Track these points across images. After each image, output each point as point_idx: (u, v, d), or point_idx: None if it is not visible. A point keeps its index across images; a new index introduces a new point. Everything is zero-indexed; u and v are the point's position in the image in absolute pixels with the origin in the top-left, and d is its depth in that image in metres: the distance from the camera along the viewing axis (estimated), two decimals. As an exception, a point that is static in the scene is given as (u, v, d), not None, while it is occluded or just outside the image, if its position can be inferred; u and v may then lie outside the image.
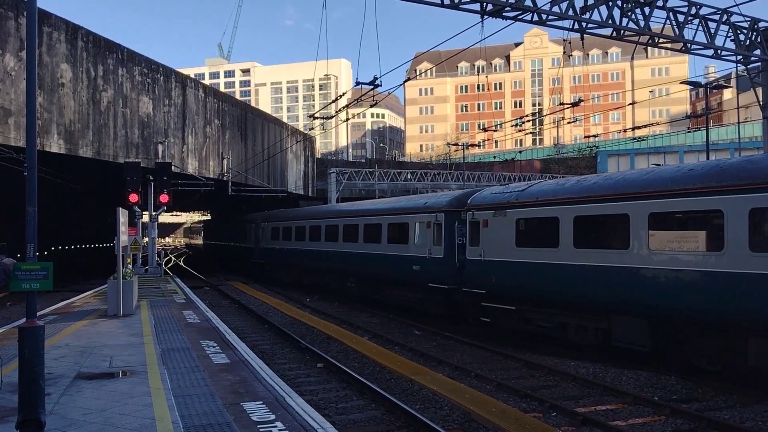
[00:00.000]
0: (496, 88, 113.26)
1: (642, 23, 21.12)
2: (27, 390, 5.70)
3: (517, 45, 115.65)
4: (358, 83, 19.10)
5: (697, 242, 11.41)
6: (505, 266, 15.77)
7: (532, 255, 14.97)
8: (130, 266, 22.67)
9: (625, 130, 48.79)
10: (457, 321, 18.71)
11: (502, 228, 15.99)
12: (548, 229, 14.51)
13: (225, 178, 35.11)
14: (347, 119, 27.94)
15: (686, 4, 22.06)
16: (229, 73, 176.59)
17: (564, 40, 22.33)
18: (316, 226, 28.54)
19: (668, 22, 21.96)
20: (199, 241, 76.33)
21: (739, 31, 23.40)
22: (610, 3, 20.16)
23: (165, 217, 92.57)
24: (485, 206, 16.94)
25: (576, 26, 20.21)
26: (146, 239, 31.82)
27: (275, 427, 7.10)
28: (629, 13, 20.79)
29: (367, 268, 23.60)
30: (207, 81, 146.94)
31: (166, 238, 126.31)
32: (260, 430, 7.00)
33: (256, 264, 37.85)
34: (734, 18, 23.20)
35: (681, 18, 22.12)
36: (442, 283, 18.61)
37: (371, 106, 23.55)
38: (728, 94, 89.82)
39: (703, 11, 22.59)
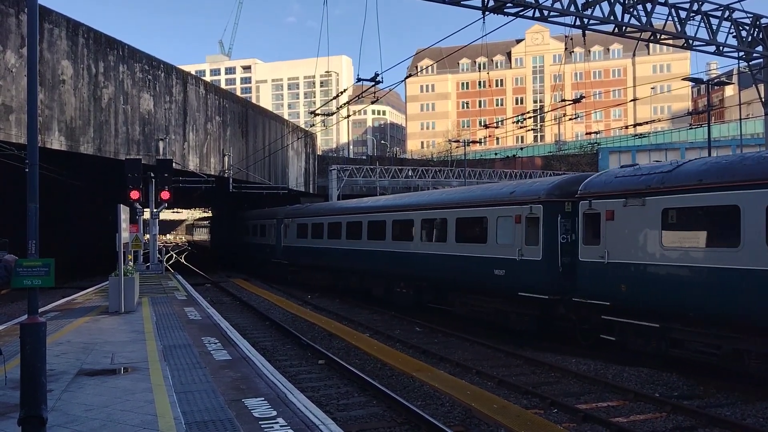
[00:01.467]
0: (497, 85, 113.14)
1: (644, 19, 21.08)
2: (29, 386, 5.70)
3: (518, 41, 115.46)
4: (359, 80, 19.09)
5: None
6: (644, 271, 12.28)
7: (691, 256, 11.50)
8: (131, 263, 22.69)
9: (626, 127, 48.78)
10: (553, 338, 15.40)
11: (639, 220, 12.47)
12: (720, 222, 11.31)
13: (226, 175, 35.13)
14: (348, 116, 27.81)
15: (688, 0, 22.02)
16: (230, 70, 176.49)
17: (566, 37, 22.30)
18: (356, 222, 24.86)
19: (670, 18, 21.92)
20: (204, 237, 71.90)
21: (741, 28, 23.36)
22: (612, -1, 20.14)
23: (166, 214, 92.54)
24: (610, 193, 13.31)
25: (578, 22, 20.19)
26: (147, 236, 31.84)
27: (277, 423, 7.10)
28: (631, 9, 20.76)
29: (425, 271, 19.74)
30: (208, 78, 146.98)
31: (167, 235, 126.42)
32: (262, 426, 7.00)
33: (278, 264, 33.80)
34: (736, 14, 23.16)
35: (683, 14, 22.08)
36: (538, 292, 14.88)
37: (372, 103, 22.96)
38: (730, 90, 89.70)
39: (705, 7, 22.55)
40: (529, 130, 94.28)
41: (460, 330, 17.25)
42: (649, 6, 21.01)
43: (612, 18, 20.57)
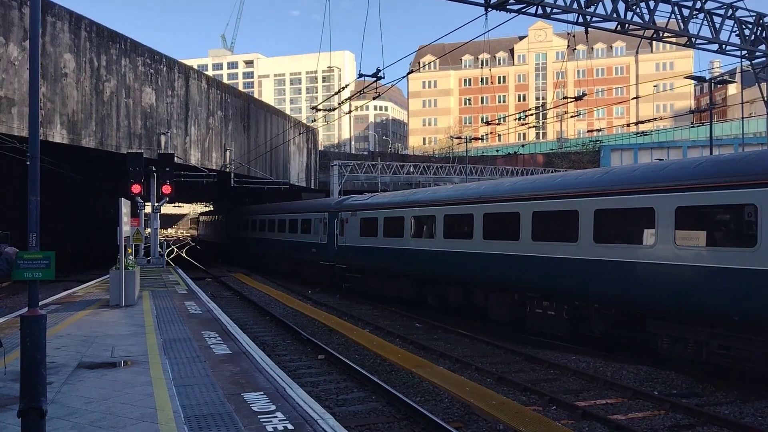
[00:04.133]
0: (499, 82, 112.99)
1: (647, 17, 21.06)
2: (29, 379, 5.72)
3: (521, 38, 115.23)
4: (361, 75, 19.08)
5: None
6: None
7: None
8: (131, 257, 22.72)
9: (628, 125, 48.66)
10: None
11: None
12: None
13: (227, 170, 35.12)
14: (350, 111, 27.74)
15: (691, -2, 22.00)
16: (233, 65, 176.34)
17: (568, 34, 22.27)
18: (461, 216, 18.11)
19: (673, 16, 21.89)
20: (210, 232, 63.05)
21: (744, 26, 23.32)
22: (615, -4, 20.11)
23: (167, 208, 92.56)
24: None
25: (581, 20, 20.17)
26: (149, 230, 31.86)
27: (276, 417, 7.13)
28: (634, 7, 20.74)
29: (613, 291, 13.06)
30: (210, 72, 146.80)
31: (169, 229, 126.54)
32: (261, 420, 7.02)
33: (328, 267, 27.30)
34: (739, 12, 23.14)
35: (686, 12, 22.04)
36: None
37: (374, 99, 22.79)
38: (733, 89, 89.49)
39: (708, 5, 22.52)
40: (531, 127, 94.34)
41: (460, 327, 17.27)
42: (651, 4, 20.99)
43: (615, 15, 20.55)
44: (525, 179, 17.37)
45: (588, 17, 20.09)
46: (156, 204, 30.58)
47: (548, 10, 19.62)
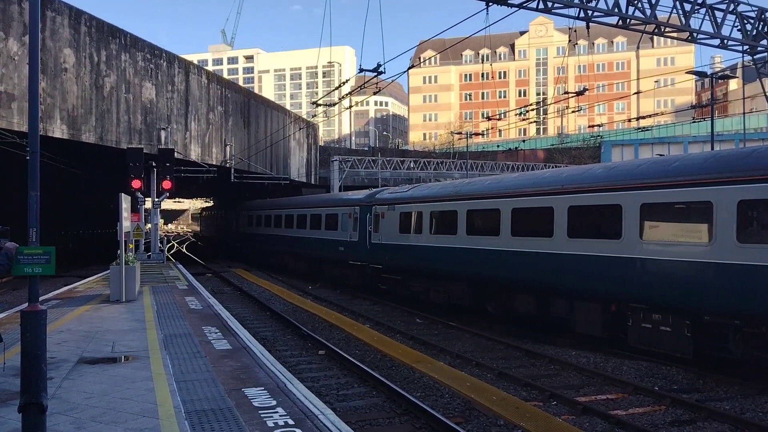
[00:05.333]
0: (500, 77, 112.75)
1: (648, 12, 20.99)
2: (29, 374, 5.71)
3: (521, 33, 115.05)
4: (361, 70, 19.03)
5: None
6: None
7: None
8: (132, 252, 22.72)
9: (629, 120, 48.69)
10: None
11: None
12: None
13: (228, 165, 35.10)
14: (350, 107, 27.67)
15: (693, -7, 21.93)
16: (233, 60, 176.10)
17: (569, 29, 22.21)
18: (537, 210, 15.08)
19: (674, 11, 21.83)
20: (215, 228, 59.17)
21: (746, 21, 23.24)
22: (617, -9, 20.05)
23: (168, 204, 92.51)
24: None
25: (582, 14, 20.10)
26: (149, 225, 31.86)
27: (276, 412, 7.12)
28: (635, 2, 20.68)
29: None
30: (210, 67, 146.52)
31: (169, 225, 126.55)
32: (261, 415, 7.02)
33: (362, 269, 24.08)
34: (741, 7, 23.05)
35: (687, 7, 21.98)
36: None
37: (374, 94, 22.54)
38: (734, 84, 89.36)
39: (710, 0, 22.44)
40: (531, 123, 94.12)
41: (461, 322, 17.27)
42: (653, -2, 20.92)
43: (616, 10, 20.48)
44: (627, 163, 14.44)
45: (589, 12, 20.03)
46: (156, 199, 30.57)
47: (549, 4, 19.56)
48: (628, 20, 20.85)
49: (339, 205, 27.07)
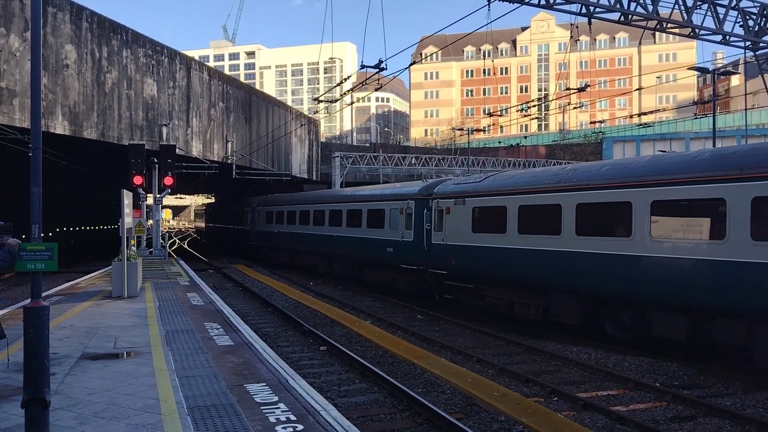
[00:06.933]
0: (502, 73, 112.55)
1: (650, 8, 20.94)
2: (32, 370, 5.73)
3: (523, 29, 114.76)
4: (363, 66, 19.01)
5: None
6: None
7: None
8: (134, 248, 22.76)
9: (631, 116, 48.53)
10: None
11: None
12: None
13: (229, 161, 35.09)
14: (352, 103, 27.52)
15: (695, -12, 21.86)
16: (234, 56, 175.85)
17: (571, 25, 22.17)
18: (694, 204, 11.93)
19: (676, 7, 21.77)
20: (223, 224, 53.76)
21: (748, 17, 23.18)
22: (619, -13, 20.01)
23: (169, 200, 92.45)
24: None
25: (583, 10, 20.07)
26: (151, 221, 31.89)
27: (278, 408, 7.15)
28: (637, -2, 20.62)
29: None
30: (211, 64, 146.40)
31: (171, 221, 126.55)
32: (263, 411, 7.05)
33: (419, 273, 20.67)
34: (743, 3, 22.99)
35: (689, 3, 21.92)
36: None
37: (376, 90, 22.21)
38: (736, 80, 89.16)
39: (712, -4, 22.38)
40: (533, 119, 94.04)
41: (462, 318, 17.29)
42: (655, -6, 20.87)
43: (618, 6, 20.44)
44: None
45: (591, 8, 19.98)
46: (158, 195, 30.60)
47: (551, 0, 19.53)
48: (630, 16, 20.80)
49: (385, 199, 23.37)
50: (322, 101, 27.06)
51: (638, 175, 12.72)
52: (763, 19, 23.28)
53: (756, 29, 23.28)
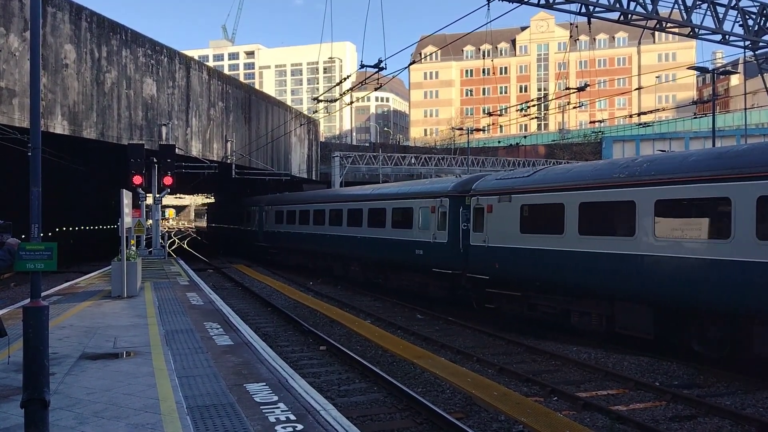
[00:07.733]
0: (501, 73, 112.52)
1: (650, 7, 20.94)
2: (31, 369, 5.72)
3: (523, 29, 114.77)
4: (362, 66, 19.00)
5: None
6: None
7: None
8: (134, 248, 22.74)
9: (630, 116, 48.56)
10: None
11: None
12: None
13: (228, 161, 35.08)
14: (351, 103, 27.47)
15: (695, -12, 21.87)
16: (233, 56, 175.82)
17: (571, 24, 22.17)
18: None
19: (676, 6, 21.78)
20: (227, 224, 50.17)
21: (747, 17, 23.18)
22: (618, -13, 20.01)
23: (169, 200, 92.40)
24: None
25: (583, 10, 20.07)
26: (150, 221, 31.87)
27: (278, 408, 7.14)
28: (637, -3, 20.62)
29: None
30: (211, 63, 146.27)
31: (170, 221, 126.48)
32: (263, 411, 7.04)
33: (453, 278, 18.65)
34: (743, 2, 23.00)
35: (689, 2, 21.92)
36: None
37: (375, 90, 22.00)
38: (735, 80, 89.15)
39: (712, -5, 22.39)
40: (532, 119, 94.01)
41: (462, 318, 17.28)
42: (655, -6, 20.87)
43: (618, 6, 20.45)
44: None
45: (590, 7, 19.99)
46: (157, 195, 30.58)
47: (551, 0, 19.53)
48: (630, 16, 20.81)
49: (414, 196, 21.28)
50: (321, 101, 27.05)
51: (740, 167, 10.50)
52: (763, 18, 23.28)
53: (755, 29, 23.28)
